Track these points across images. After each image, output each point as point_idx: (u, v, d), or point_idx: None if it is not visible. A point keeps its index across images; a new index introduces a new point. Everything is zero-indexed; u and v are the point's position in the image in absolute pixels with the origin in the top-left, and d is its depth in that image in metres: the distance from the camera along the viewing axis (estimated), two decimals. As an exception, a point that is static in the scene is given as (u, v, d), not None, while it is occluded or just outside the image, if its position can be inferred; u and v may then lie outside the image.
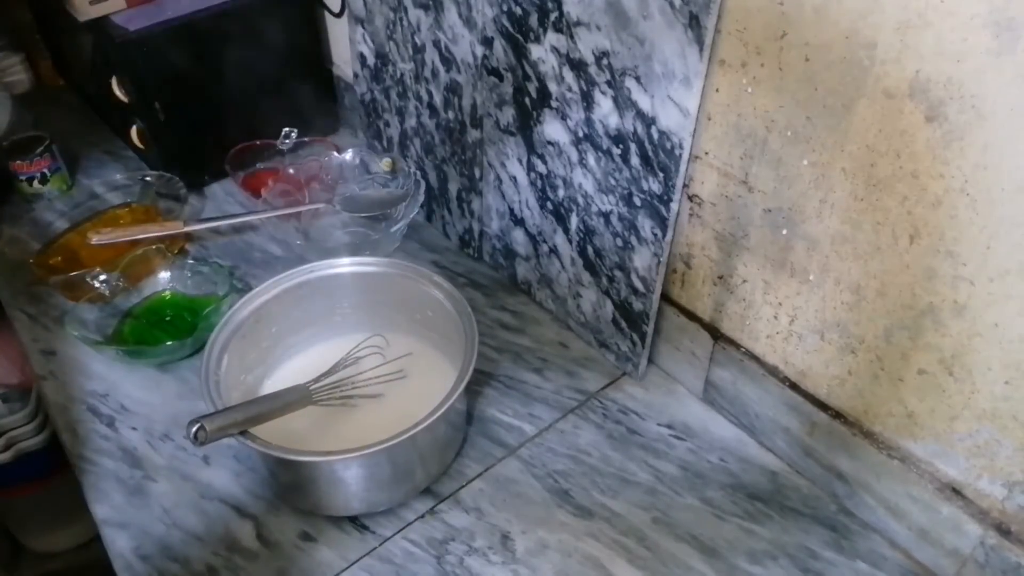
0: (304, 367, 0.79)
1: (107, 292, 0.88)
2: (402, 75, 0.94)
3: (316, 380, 0.73)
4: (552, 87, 0.73)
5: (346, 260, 0.80)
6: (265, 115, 1.12)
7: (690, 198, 0.70)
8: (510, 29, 0.74)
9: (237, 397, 0.71)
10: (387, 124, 1.03)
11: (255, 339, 0.77)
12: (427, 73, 0.90)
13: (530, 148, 0.80)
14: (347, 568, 0.67)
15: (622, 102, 0.67)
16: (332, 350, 0.79)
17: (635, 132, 0.67)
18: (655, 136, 0.66)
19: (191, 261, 0.94)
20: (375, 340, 0.79)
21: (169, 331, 0.87)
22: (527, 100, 0.77)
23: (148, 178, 1.05)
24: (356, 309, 0.83)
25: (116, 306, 0.88)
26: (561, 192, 0.79)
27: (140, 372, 0.84)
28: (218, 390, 0.69)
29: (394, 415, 0.68)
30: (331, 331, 0.83)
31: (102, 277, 0.88)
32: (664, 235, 0.70)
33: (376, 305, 0.82)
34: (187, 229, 0.95)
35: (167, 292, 0.92)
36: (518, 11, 0.72)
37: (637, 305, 0.77)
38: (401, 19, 0.89)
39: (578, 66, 0.69)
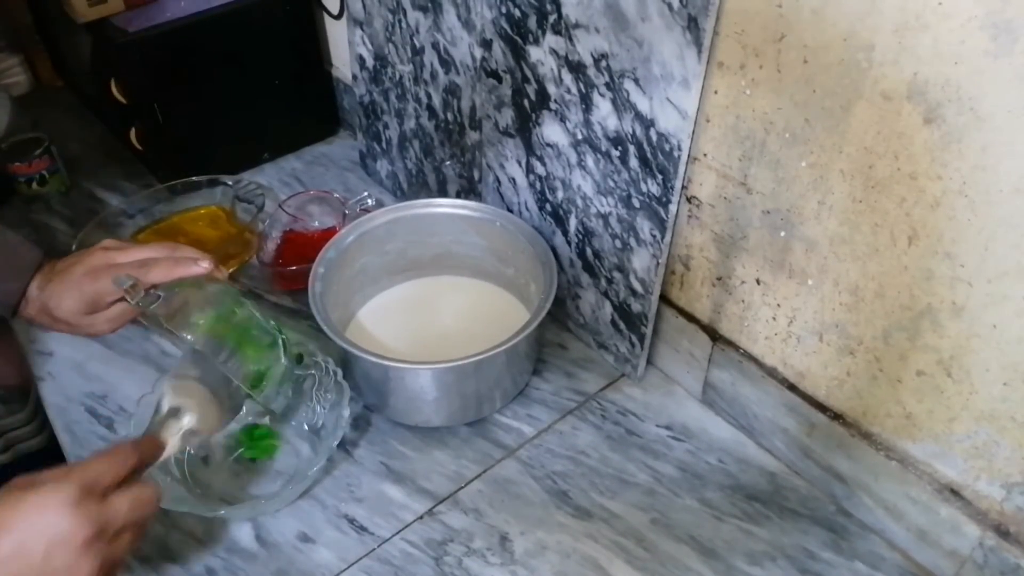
0: (395, 299, 0.90)
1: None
2: (401, 77, 0.94)
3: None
4: (551, 89, 0.73)
5: (444, 201, 0.87)
6: (264, 117, 1.12)
7: (689, 200, 0.70)
8: (509, 31, 0.75)
9: (336, 318, 0.77)
10: (386, 126, 1.03)
11: (353, 266, 0.85)
12: (426, 75, 0.90)
13: (529, 150, 0.80)
14: (346, 569, 0.67)
15: (621, 104, 0.67)
16: (421, 287, 0.91)
17: (634, 134, 0.67)
18: (654, 138, 0.66)
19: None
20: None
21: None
22: (526, 102, 0.77)
23: (228, 182, 1.02)
24: (449, 249, 0.89)
25: None
26: (560, 194, 0.79)
27: (139, 373, 0.84)
28: (324, 307, 0.75)
29: (472, 341, 0.74)
30: (422, 268, 0.91)
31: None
32: (663, 237, 0.70)
33: (466, 246, 0.88)
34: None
35: None
36: (517, 13, 0.72)
37: (636, 306, 0.77)
38: (400, 21, 0.89)
39: (577, 68, 0.69)
